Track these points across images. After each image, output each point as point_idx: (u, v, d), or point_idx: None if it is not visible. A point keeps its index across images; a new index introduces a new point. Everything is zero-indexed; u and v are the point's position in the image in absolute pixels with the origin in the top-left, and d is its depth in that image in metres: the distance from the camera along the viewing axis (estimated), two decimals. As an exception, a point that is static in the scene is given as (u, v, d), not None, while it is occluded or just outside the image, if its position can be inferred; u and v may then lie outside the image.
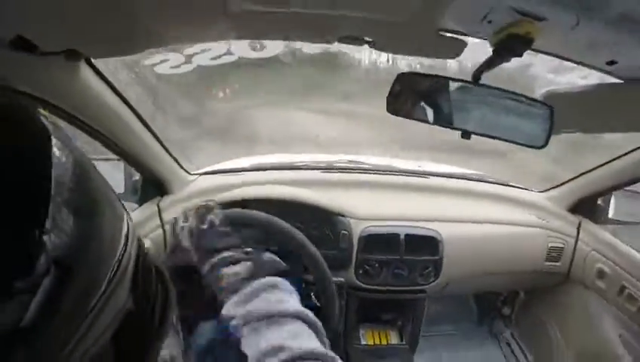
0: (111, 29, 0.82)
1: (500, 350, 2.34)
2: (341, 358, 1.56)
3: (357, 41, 0.91)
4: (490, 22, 0.77)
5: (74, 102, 1.07)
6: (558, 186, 2.04)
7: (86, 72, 1.03)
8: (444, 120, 0.95)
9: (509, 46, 0.79)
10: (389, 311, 1.88)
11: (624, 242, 1.79)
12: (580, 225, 1.95)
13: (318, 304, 1.27)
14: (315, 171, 1.90)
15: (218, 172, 1.85)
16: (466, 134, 0.93)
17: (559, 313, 2.09)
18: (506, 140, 0.95)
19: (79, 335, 0.33)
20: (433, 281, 1.72)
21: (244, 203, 1.47)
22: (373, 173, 1.97)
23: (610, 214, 1.90)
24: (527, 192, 2.11)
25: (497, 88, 0.92)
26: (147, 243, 1.49)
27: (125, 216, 0.43)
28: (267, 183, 1.69)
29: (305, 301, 1.31)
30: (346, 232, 1.62)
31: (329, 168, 1.94)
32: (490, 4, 0.72)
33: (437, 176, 2.08)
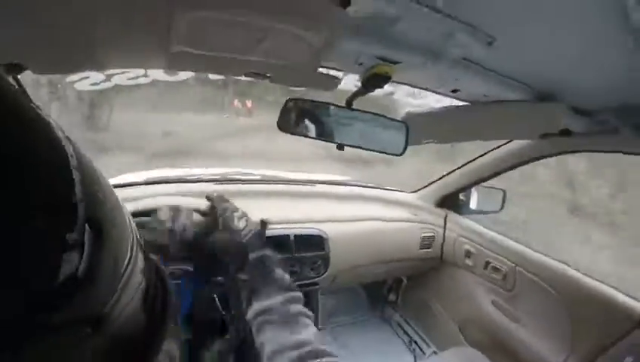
0: (58, 48, 0.87)
1: (392, 331, 2.60)
2: (245, 356, 1.67)
3: (259, 76, 1.09)
4: (360, 64, 0.99)
5: None
6: (425, 187, 2.37)
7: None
8: (324, 135, 1.18)
9: (373, 82, 1.02)
10: None
11: (486, 227, 2.14)
12: (446, 216, 2.31)
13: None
14: (209, 183, 1.95)
15: (115, 186, 1.81)
16: (340, 146, 1.16)
17: (439, 292, 2.41)
18: (371, 150, 1.20)
19: (120, 289, 0.37)
20: (323, 274, 1.88)
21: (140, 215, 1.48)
22: (263, 184, 2.10)
23: (473, 206, 2.25)
24: (401, 193, 2.42)
25: (365, 111, 1.16)
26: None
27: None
28: (158, 195, 1.68)
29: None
30: None
31: (222, 180, 2.02)
32: (360, 53, 0.94)
33: (321, 183, 2.28)
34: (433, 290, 2.45)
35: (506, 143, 1.85)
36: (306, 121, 1.17)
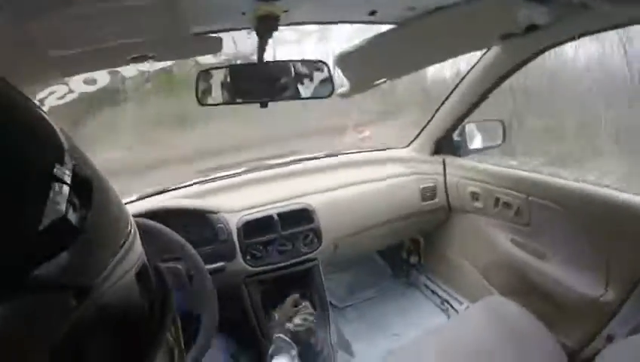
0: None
1: (421, 294, 2.50)
2: (261, 343, 1.65)
3: (143, 58, 1.05)
4: (243, 13, 0.95)
5: None
6: (415, 138, 2.27)
7: None
8: (244, 97, 1.12)
9: (263, 27, 0.96)
10: (293, 288, 1.92)
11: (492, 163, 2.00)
12: (444, 162, 2.19)
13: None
14: (194, 186, 1.98)
15: None
16: (264, 104, 1.12)
17: (455, 242, 2.30)
18: (299, 99, 1.14)
19: (110, 267, 0.37)
20: (318, 247, 1.85)
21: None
22: (242, 175, 2.09)
23: (472, 144, 2.13)
24: (392, 150, 2.34)
25: (278, 61, 1.11)
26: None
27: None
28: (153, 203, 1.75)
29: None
30: (222, 225, 1.72)
31: (202, 181, 2.03)
32: (235, 3, 0.90)
33: (305, 160, 2.24)
34: (450, 242, 2.35)
35: (475, 65, 1.75)
36: (224, 89, 1.12)
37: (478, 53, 1.71)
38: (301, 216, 1.83)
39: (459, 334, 1.49)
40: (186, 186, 1.99)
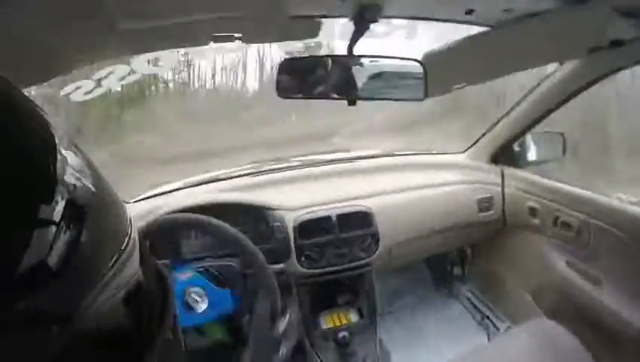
0: (20, 62, 0.84)
1: (462, 307, 2.42)
2: (303, 346, 1.63)
3: (228, 38, 0.98)
4: (343, 0, 0.87)
5: None
6: (474, 144, 2.16)
7: None
8: (330, 93, 1.04)
9: (364, 16, 0.88)
10: (343, 293, 1.93)
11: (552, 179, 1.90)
12: (502, 172, 2.08)
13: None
14: (244, 178, 1.93)
15: (152, 196, 1.85)
16: (351, 102, 1.02)
17: (506, 259, 2.19)
18: (388, 99, 1.05)
19: (97, 290, 0.34)
20: (375, 252, 1.78)
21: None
22: (298, 169, 2.03)
23: (531, 156, 2.02)
24: (449, 155, 2.24)
25: (371, 55, 1.02)
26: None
27: (125, 207, 0.45)
28: (200, 195, 1.72)
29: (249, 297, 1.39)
30: (279, 224, 1.66)
31: (256, 172, 1.98)
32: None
33: (361, 158, 2.16)
34: (500, 258, 2.24)
35: (551, 75, 1.63)
36: (307, 81, 1.03)
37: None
38: (360, 219, 1.76)
39: (502, 357, 1.40)
40: (237, 176, 1.94)
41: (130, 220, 0.43)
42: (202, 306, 1.26)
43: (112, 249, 0.37)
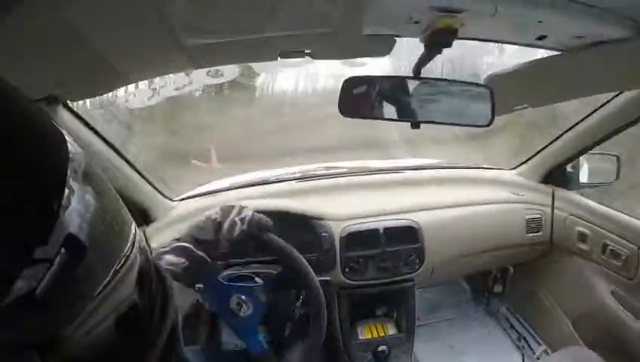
0: (84, 74, 0.88)
1: (499, 326, 2.37)
2: (340, 356, 1.62)
3: (297, 54, 0.97)
4: (416, 22, 0.84)
5: None
6: (526, 161, 2.10)
7: (65, 115, 1.10)
8: (394, 114, 1.02)
9: (437, 40, 0.86)
10: (382, 304, 1.91)
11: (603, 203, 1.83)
12: (553, 193, 2.01)
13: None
14: (292, 182, 1.92)
15: (198, 195, 1.88)
16: (415, 124, 1.00)
17: (550, 282, 2.13)
18: (452, 124, 1.02)
19: (87, 313, 0.35)
20: (419, 268, 1.75)
21: None
22: (347, 176, 2.01)
23: (583, 178, 1.96)
24: (498, 171, 2.18)
25: (438, 79, 0.99)
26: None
27: (132, 221, 0.45)
28: (246, 199, 1.70)
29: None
30: (326, 234, 1.66)
31: (304, 177, 1.97)
32: (410, 8, 0.79)
33: (409, 169, 2.13)
34: (543, 280, 2.17)
35: (614, 98, 1.56)
36: (371, 101, 1.02)
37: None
38: (407, 234, 1.74)
39: None
40: (284, 181, 1.94)
41: (134, 241, 0.43)
42: (247, 312, 1.26)
43: (102, 273, 0.37)
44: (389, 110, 1.02)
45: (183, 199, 1.85)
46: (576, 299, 1.96)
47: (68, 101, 1.11)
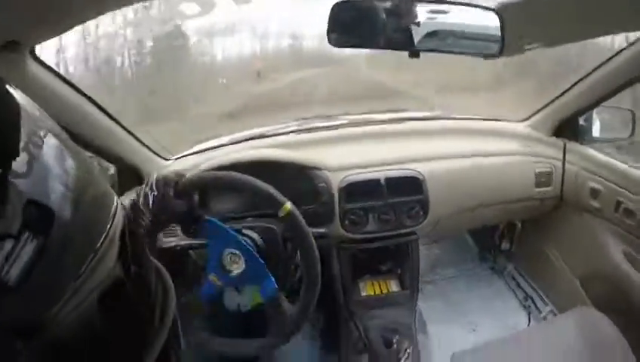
0: (41, 11, 0.81)
1: (505, 285, 2.34)
2: (341, 313, 1.59)
3: None
4: None
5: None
6: (536, 113, 2.00)
7: (33, 65, 1.03)
8: (390, 43, 0.92)
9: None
10: (384, 260, 1.87)
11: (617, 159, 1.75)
12: (565, 147, 1.92)
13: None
14: (290, 135, 1.87)
15: (193, 153, 1.84)
16: (413, 53, 0.90)
17: (559, 239, 2.07)
18: (456, 53, 0.92)
19: (67, 297, 0.33)
20: (422, 221, 1.70)
21: (219, 170, 1.46)
22: (347, 127, 1.95)
23: (596, 132, 1.87)
24: (506, 123, 2.09)
25: (440, 1, 0.89)
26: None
27: (113, 195, 0.43)
28: (241, 152, 1.67)
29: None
30: (324, 185, 1.60)
31: (303, 129, 1.92)
32: None
33: (413, 120, 2.06)
34: (552, 237, 2.11)
35: (632, 44, 1.44)
36: (363, 27, 0.92)
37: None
38: (410, 184, 1.67)
39: (542, 345, 1.34)
40: (282, 134, 1.89)
41: (115, 214, 0.41)
42: (238, 270, 1.20)
43: (82, 252, 0.35)
44: (385, 38, 0.92)
45: (178, 158, 1.81)
46: (585, 259, 1.90)
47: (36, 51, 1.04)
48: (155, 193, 1.08)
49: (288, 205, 1.18)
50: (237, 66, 10.90)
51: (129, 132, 1.52)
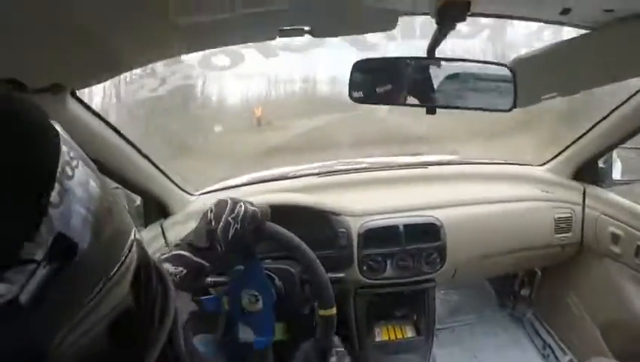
0: (87, 60, 0.86)
1: (524, 331, 2.29)
2: (357, 358, 1.57)
3: (296, 32, 0.92)
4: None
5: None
6: (555, 157, 1.99)
7: (73, 105, 1.07)
8: (407, 99, 0.96)
9: (449, 13, 0.79)
10: (401, 306, 1.85)
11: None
12: (584, 191, 1.90)
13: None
14: (311, 177, 1.89)
15: (217, 190, 1.87)
16: (430, 110, 0.94)
17: (579, 286, 2.02)
18: (471, 108, 0.95)
19: (75, 322, 0.34)
20: (440, 268, 1.68)
21: None
22: (367, 171, 1.97)
23: (617, 175, 1.86)
24: (526, 167, 2.08)
25: (455, 59, 0.93)
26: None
27: (132, 226, 0.44)
28: (264, 193, 1.69)
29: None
30: (344, 230, 1.61)
31: (324, 172, 1.94)
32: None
33: (430, 165, 2.06)
34: (572, 284, 2.06)
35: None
36: (383, 85, 0.96)
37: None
38: (428, 231, 1.67)
39: None
40: (302, 176, 1.91)
41: (132, 245, 0.42)
42: (254, 309, 1.22)
43: (95, 278, 0.36)
44: (403, 95, 0.96)
45: (202, 194, 1.84)
46: (606, 306, 1.85)
47: (76, 92, 1.10)
48: (238, 226, 1.06)
49: (334, 311, 1.18)
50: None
51: (156, 167, 1.56)
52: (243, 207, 1.10)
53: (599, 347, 1.82)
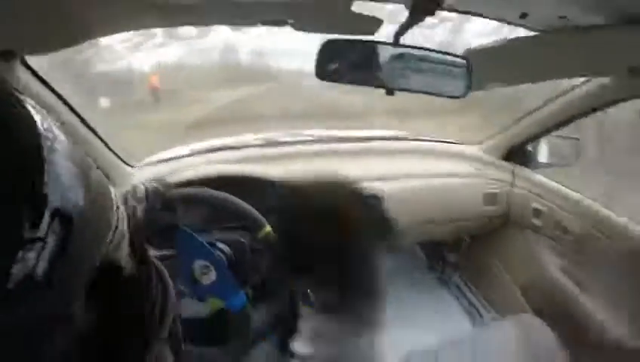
0: (43, 27, 0.83)
1: (451, 294, 2.46)
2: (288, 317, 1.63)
3: (278, 23, 0.94)
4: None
5: None
6: (490, 138, 2.15)
7: (23, 73, 1.04)
8: (369, 80, 1.00)
9: (422, 7, 0.84)
10: None
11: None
12: (513, 171, 2.08)
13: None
14: (255, 148, 1.91)
15: (159, 161, 1.84)
16: (389, 91, 0.99)
17: (503, 253, 2.22)
18: (427, 93, 1.02)
19: (87, 285, 0.36)
20: None
21: (188, 185, 1.44)
22: (312, 144, 2.01)
23: (542, 158, 2.02)
24: (462, 146, 2.22)
25: (417, 47, 0.98)
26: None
27: (112, 190, 0.44)
28: (206, 165, 1.70)
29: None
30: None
31: (268, 144, 1.96)
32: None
33: (374, 139, 2.15)
34: (496, 251, 2.26)
35: (583, 83, 1.58)
36: (347, 65, 1.00)
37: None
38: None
39: (482, 348, 1.42)
40: (245, 147, 1.92)
41: (117, 207, 0.43)
42: (207, 281, 1.22)
43: (97, 243, 0.37)
44: (366, 75, 1.00)
45: (142, 166, 1.81)
46: (526, 271, 2.05)
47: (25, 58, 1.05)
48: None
49: (268, 228, 1.23)
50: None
51: (100, 138, 1.53)
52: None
53: (519, 305, 2.02)
